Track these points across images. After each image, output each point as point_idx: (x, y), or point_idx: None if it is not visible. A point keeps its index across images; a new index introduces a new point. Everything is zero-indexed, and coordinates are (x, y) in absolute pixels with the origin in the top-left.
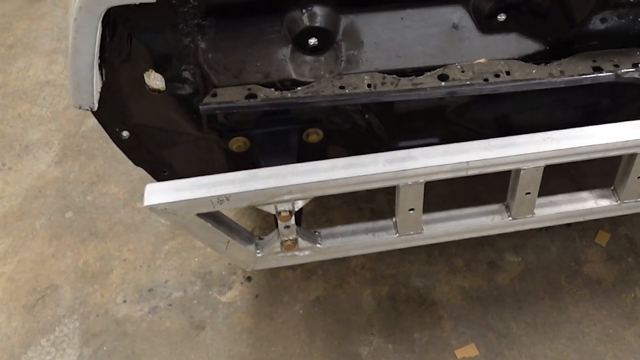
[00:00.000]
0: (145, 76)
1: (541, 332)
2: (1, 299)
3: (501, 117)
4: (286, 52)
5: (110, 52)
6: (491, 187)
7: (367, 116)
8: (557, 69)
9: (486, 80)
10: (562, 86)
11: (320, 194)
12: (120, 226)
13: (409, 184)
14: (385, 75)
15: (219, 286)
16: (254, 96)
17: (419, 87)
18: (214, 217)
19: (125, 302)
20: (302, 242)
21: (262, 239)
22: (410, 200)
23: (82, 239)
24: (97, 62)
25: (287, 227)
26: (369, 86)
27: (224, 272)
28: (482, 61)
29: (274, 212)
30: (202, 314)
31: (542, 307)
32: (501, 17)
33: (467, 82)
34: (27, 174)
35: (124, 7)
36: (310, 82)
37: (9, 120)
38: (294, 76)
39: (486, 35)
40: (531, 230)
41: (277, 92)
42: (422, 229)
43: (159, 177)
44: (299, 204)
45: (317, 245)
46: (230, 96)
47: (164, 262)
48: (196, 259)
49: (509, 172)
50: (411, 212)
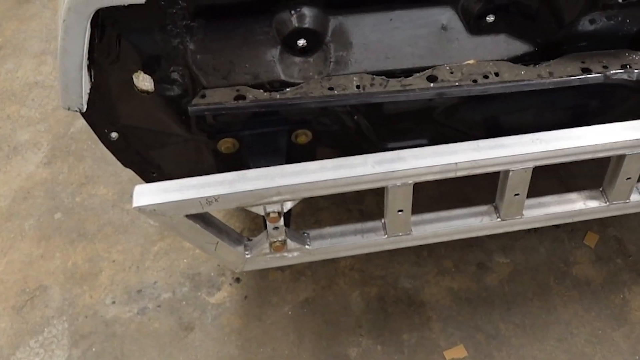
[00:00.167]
0: (134, 77)
1: (530, 333)
2: None
3: (490, 118)
4: (275, 53)
5: (99, 54)
6: (480, 188)
7: (356, 117)
8: (546, 70)
9: (475, 81)
10: (550, 87)
11: (309, 195)
12: (109, 227)
13: (398, 185)
14: (374, 76)
15: (207, 287)
16: (243, 97)
17: (407, 88)
18: (203, 219)
19: (114, 303)
20: (290, 244)
21: (251, 240)
22: (399, 201)
23: (71, 240)
24: (85, 63)
25: (276, 228)
26: (358, 87)
27: (212, 274)
28: (471, 62)
29: (262, 213)
30: (191, 315)
31: (531, 309)
32: (490, 19)
33: (456, 84)
34: (15, 175)
35: (113, 9)
36: (299, 83)
37: None
38: (283, 77)
39: (475, 36)
40: (520, 231)
41: (265, 94)
42: (411, 230)
43: (148, 178)
44: (288, 205)
45: (306, 246)
46: (219, 97)
47: (153, 263)
48: (185, 260)
49: (497, 174)
50: (400, 213)
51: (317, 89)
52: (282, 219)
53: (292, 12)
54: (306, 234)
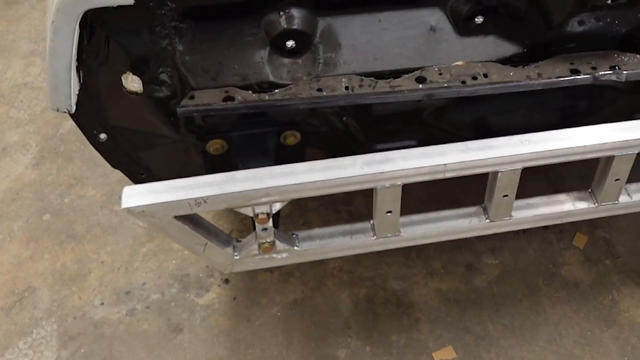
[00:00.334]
0: (122, 79)
1: (519, 335)
2: None
3: (479, 120)
4: (264, 54)
5: (87, 55)
6: (469, 189)
7: (344, 118)
8: (534, 71)
9: (464, 82)
10: (539, 88)
11: (297, 196)
12: (97, 228)
13: (387, 186)
14: (362, 77)
15: (196, 289)
16: (232, 99)
17: (396, 89)
18: (192, 220)
19: (102, 304)
20: (279, 245)
21: (240, 242)
22: (387, 202)
23: (60, 241)
24: (74, 64)
25: (265, 229)
26: (347, 89)
27: (201, 275)
28: (459, 64)
29: (251, 214)
30: (180, 317)
31: (520, 310)
32: (479, 20)
33: (445, 85)
34: (4, 176)
35: (102, 10)
36: (287, 85)
37: None
38: (272, 78)
39: (464, 37)
40: (509, 232)
41: (254, 95)
42: (400, 232)
43: (137, 179)
44: (277, 207)
45: (295, 247)
46: (207, 99)
47: (142, 264)
48: (174, 262)
49: (486, 175)
50: (389, 214)
51: (305, 90)
52: (270, 220)
53: (281, 13)
54: (295, 235)
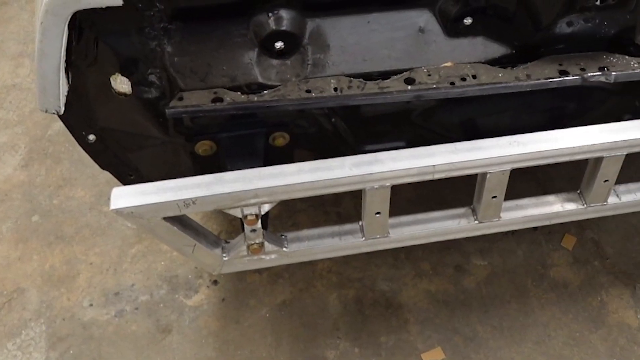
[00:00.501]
0: (111, 80)
1: (507, 336)
2: None
3: (468, 121)
4: (252, 55)
5: (76, 56)
6: (458, 190)
7: (333, 120)
8: (523, 72)
9: (452, 83)
10: (528, 90)
11: (286, 197)
12: (86, 230)
13: (376, 187)
14: (351, 78)
15: (185, 290)
16: (220, 100)
17: (385, 90)
18: (180, 221)
19: (91, 305)
20: (268, 246)
21: (229, 243)
22: (376, 203)
23: (49, 242)
24: (63, 65)
25: (254, 230)
26: (336, 90)
27: (190, 276)
28: (448, 65)
29: (240, 215)
30: (169, 318)
31: (509, 311)
32: (467, 21)
33: (434, 86)
34: None
35: (91, 11)
36: (276, 86)
37: None
38: (261, 80)
39: (452, 38)
40: (497, 233)
41: (243, 96)
42: (389, 233)
43: (126, 180)
44: (265, 208)
45: (284, 248)
46: (196, 100)
47: (131, 265)
48: (162, 263)
49: (475, 176)
50: (377, 215)
51: (294, 91)
52: (259, 221)
53: (270, 14)
54: (284, 237)
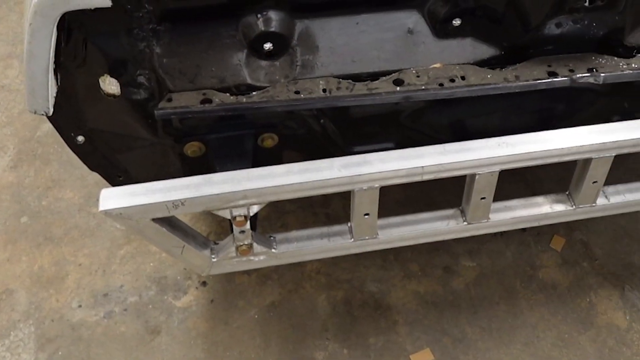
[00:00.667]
0: (100, 81)
1: (496, 337)
2: None
3: (456, 122)
4: (241, 57)
5: (65, 57)
6: (446, 191)
7: (322, 121)
8: (512, 73)
9: (441, 85)
10: (517, 91)
11: (275, 198)
12: (75, 231)
13: (364, 188)
14: (340, 80)
15: (174, 291)
16: (209, 101)
17: (374, 92)
18: (169, 222)
19: (80, 306)
20: (257, 247)
21: (218, 244)
22: (365, 205)
23: (38, 243)
24: (52, 66)
25: (242, 232)
26: (324, 91)
27: (179, 277)
28: (437, 66)
29: (229, 217)
30: (157, 319)
31: (497, 312)
32: (456, 22)
33: (422, 87)
34: None
35: (79, 12)
36: (265, 87)
37: None
38: (249, 81)
39: (441, 40)
40: (486, 235)
41: (232, 97)
42: (377, 234)
43: (114, 182)
44: (254, 209)
45: (272, 250)
46: (185, 101)
47: (119, 267)
48: (151, 264)
49: (464, 177)
50: (366, 217)
51: (283, 92)
52: (248, 222)
53: (259, 15)
54: (272, 238)
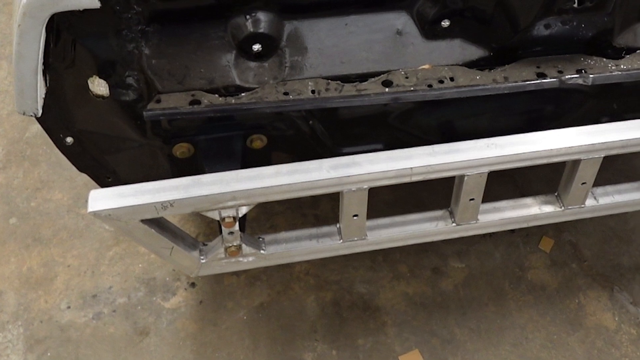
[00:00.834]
0: (89, 82)
1: (485, 338)
2: None
3: (445, 123)
4: (230, 58)
5: (54, 58)
6: (435, 192)
7: (311, 122)
8: (501, 75)
9: (430, 86)
10: (506, 92)
11: (264, 199)
12: (64, 232)
13: (353, 190)
14: (329, 81)
15: (163, 292)
16: (198, 102)
17: (363, 93)
18: (158, 223)
19: (69, 308)
20: (246, 248)
21: (206, 245)
22: (354, 206)
23: (26, 245)
24: (41, 68)
25: (231, 233)
26: (313, 92)
27: (168, 278)
28: (426, 67)
29: (218, 218)
30: (146, 320)
31: (486, 313)
32: (445, 23)
33: (411, 88)
34: None
35: (68, 13)
36: (254, 88)
37: None
38: (238, 82)
39: (430, 41)
40: (475, 236)
41: (221, 98)
42: (366, 235)
43: (103, 183)
44: (243, 210)
45: (261, 251)
46: (174, 102)
47: (108, 268)
48: (140, 265)
49: (453, 178)
50: (355, 218)
51: (272, 93)
52: (237, 223)
53: (247, 17)
54: (261, 239)
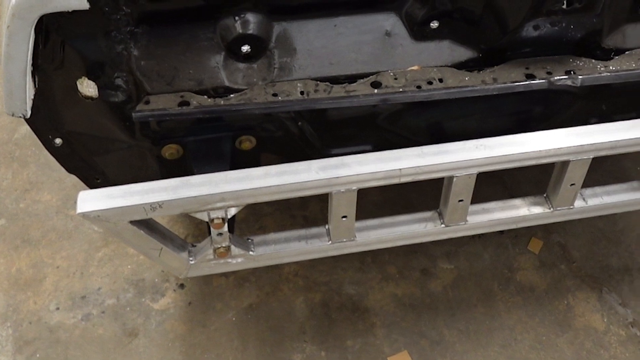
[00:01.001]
0: (78, 83)
1: (474, 340)
2: None
3: (434, 124)
4: (219, 59)
5: (43, 59)
6: (424, 194)
7: (300, 123)
8: (489, 76)
9: (419, 87)
10: (495, 93)
11: (253, 201)
12: (53, 233)
13: (342, 191)
14: (318, 82)
15: (151, 293)
16: (187, 103)
17: (351, 94)
18: (147, 225)
19: (58, 309)
20: (234, 250)
21: (195, 246)
22: (343, 207)
23: (15, 246)
24: (30, 69)
25: (220, 234)
26: (302, 93)
27: (156, 280)
28: (414, 68)
29: (206, 219)
30: (135, 321)
31: (475, 314)
32: (434, 25)
33: (400, 90)
34: None
35: (57, 15)
36: (243, 90)
37: None
38: (227, 83)
39: (419, 42)
40: (464, 237)
41: (210, 100)
42: (355, 236)
43: (92, 184)
44: (232, 211)
45: (250, 252)
46: (163, 103)
47: (97, 269)
48: (129, 266)
49: (442, 179)
50: (344, 219)
51: (261, 95)
52: (226, 225)
53: (236, 18)
54: (250, 240)
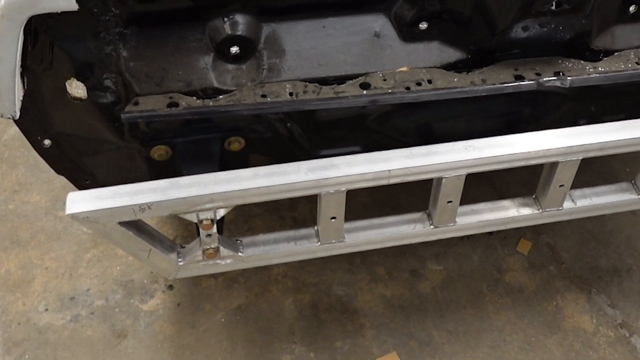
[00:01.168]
0: (67, 84)
1: (463, 341)
2: None
3: (423, 126)
4: (208, 60)
5: (32, 61)
6: (413, 195)
7: (289, 125)
8: (478, 77)
9: (408, 88)
10: (483, 94)
11: (242, 202)
12: (42, 234)
13: (331, 192)
14: (307, 83)
15: (140, 294)
16: (176, 105)
17: (340, 95)
18: (136, 226)
19: (47, 310)
20: (223, 251)
21: (184, 248)
22: (332, 208)
23: (4, 247)
24: (19, 70)
25: (209, 235)
26: (291, 95)
27: (145, 281)
28: (403, 69)
29: (195, 220)
30: (124, 323)
31: (464, 316)
32: (423, 26)
33: (389, 91)
34: None
35: (46, 16)
36: (232, 91)
37: None
38: (216, 84)
39: (408, 43)
40: (453, 238)
41: (198, 101)
42: (344, 238)
43: (81, 185)
44: (221, 213)
45: (239, 253)
46: (152, 105)
47: (86, 270)
48: (118, 268)
49: (431, 181)
50: (333, 220)
51: (250, 96)
52: (215, 226)
53: (225, 19)
54: (239, 241)
